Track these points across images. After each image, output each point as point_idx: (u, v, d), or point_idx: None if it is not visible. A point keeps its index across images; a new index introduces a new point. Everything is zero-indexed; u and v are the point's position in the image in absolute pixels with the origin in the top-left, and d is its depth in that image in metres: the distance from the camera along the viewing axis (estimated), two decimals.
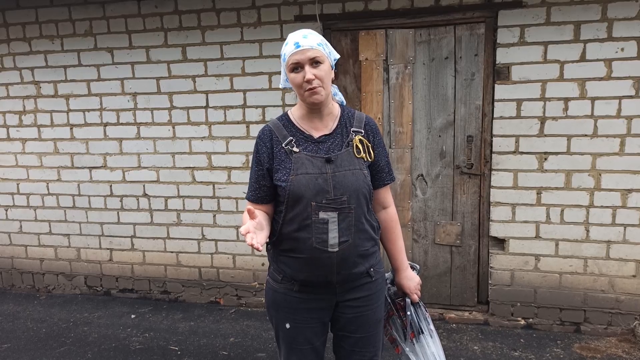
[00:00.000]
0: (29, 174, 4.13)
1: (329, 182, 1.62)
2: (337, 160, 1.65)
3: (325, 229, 1.62)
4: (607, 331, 3.26)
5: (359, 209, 1.65)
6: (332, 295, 1.74)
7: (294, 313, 1.75)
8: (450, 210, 3.47)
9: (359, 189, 1.64)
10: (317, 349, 1.81)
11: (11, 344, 3.39)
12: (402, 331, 1.90)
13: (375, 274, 1.77)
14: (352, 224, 1.64)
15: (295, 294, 1.73)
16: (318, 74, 1.59)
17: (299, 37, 1.61)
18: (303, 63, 1.59)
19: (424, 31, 3.31)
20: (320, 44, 1.62)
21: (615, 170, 3.12)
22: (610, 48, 3.01)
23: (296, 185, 1.62)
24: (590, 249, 3.23)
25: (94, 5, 3.71)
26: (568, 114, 3.13)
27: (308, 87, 1.59)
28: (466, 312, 3.55)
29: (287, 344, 1.80)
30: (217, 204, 3.80)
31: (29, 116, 4.02)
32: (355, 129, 1.71)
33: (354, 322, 1.77)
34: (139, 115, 3.82)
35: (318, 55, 1.59)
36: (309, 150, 1.67)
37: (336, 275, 1.67)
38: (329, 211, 1.61)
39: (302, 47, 1.58)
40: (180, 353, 3.21)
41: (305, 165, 1.64)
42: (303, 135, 1.70)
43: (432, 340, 1.85)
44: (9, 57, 3.95)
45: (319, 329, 1.79)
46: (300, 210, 1.63)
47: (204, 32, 3.59)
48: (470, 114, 3.33)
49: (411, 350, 1.85)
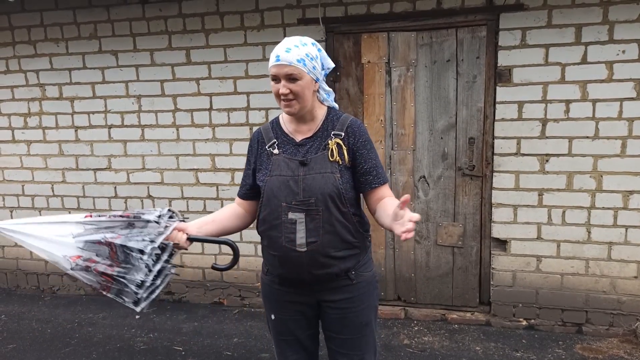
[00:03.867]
0: (34, 175, 4.16)
1: (300, 184, 1.67)
2: (311, 163, 1.69)
3: (293, 229, 1.68)
4: (609, 332, 3.27)
5: (327, 212, 1.67)
6: (310, 293, 1.79)
7: (277, 305, 1.86)
8: (452, 212, 3.49)
9: (326, 192, 1.66)
10: (303, 342, 1.88)
11: (17, 345, 3.42)
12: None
13: (356, 277, 1.77)
14: (320, 225, 1.67)
15: (277, 286, 1.82)
16: (294, 89, 1.62)
17: (282, 49, 1.61)
18: (279, 76, 1.63)
19: (425, 34, 3.33)
20: (301, 60, 1.60)
21: (617, 172, 3.13)
22: (611, 50, 3.03)
23: (269, 186, 1.71)
24: (592, 250, 3.24)
25: (98, 8, 3.74)
26: (569, 116, 3.15)
27: (282, 99, 1.65)
28: (468, 312, 3.57)
29: (274, 334, 1.92)
30: (221, 205, 3.82)
31: (34, 118, 4.05)
32: (335, 132, 1.73)
33: (338, 324, 1.80)
34: (143, 117, 3.85)
35: (294, 73, 1.60)
36: (289, 152, 1.73)
37: (307, 274, 1.72)
38: (297, 212, 1.67)
39: (281, 62, 1.60)
40: (184, 353, 3.24)
41: (280, 167, 1.71)
42: (287, 138, 1.76)
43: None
44: (14, 59, 3.98)
45: (303, 323, 1.86)
46: (272, 210, 1.71)
47: (208, 35, 3.62)
48: (472, 116, 3.35)
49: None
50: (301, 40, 1.65)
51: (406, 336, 3.37)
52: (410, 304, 3.66)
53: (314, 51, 1.66)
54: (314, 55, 1.65)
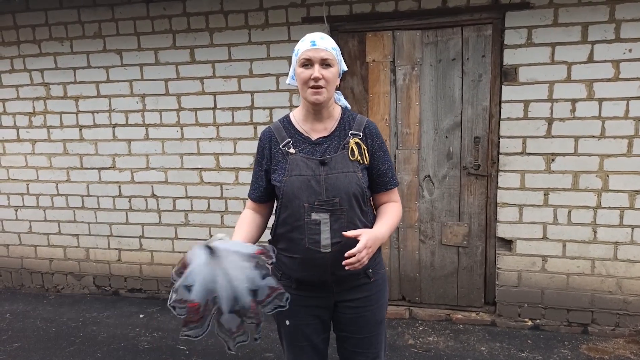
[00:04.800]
0: (38, 174, 4.17)
1: (322, 184, 1.65)
2: (331, 163, 1.67)
3: (317, 229, 1.65)
4: (615, 332, 3.26)
5: (352, 211, 1.67)
6: (329, 295, 1.76)
7: (293, 310, 1.76)
8: (457, 211, 3.48)
9: (351, 191, 1.66)
10: (317, 346, 1.84)
11: (21, 343, 3.42)
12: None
13: (374, 274, 1.78)
14: (344, 225, 1.66)
15: (294, 291, 1.75)
16: (326, 75, 1.63)
17: (316, 37, 1.66)
18: (314, 61, 1.63)
19: (431, 32, 3.31)
20: (335, 49, 1.68)
21: (623, 171, 3.11)
22: (618, 49, 3.01)
23: (289, 187, 1.66)
24: (598, 250, 3.23)
25: (102, 7, 3.75)
26: (575, 115, 3.13)
27: (312, 84, 1.63)
28: (473, 312, 3.56)
29: (288, 340, 1.85)
30: (225, 204, 3.82)
31: (39, 117, 4.06)
32: (353, 132, 1.73)
33: (355, 323, 1.79)
34: (148, 116, 3.85)
35: (330, 58, 1.64)
36: (305, 152, 1.70)
37: (330, 276, 1.70)
38: (321, 212, 1.64)
39: (317, 47, 1.63)
40: (188, 353, 3.24)
41: (299, 167, 1.67)
42: (301, 137, 1.73)
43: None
44: (19, 59, 3.99)
45: (319, 327, 1.82)
46: (293, 211, 1.67)
47: (212, 34, 3.61)
48: (478, 115, 3.33)
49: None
50: (328, 36, 1.70)
51: (411, 336, 3.36)
52: (414, 303, 3.64)
53: (337, 46, 1.72)
54: (339, 50, 1.71)
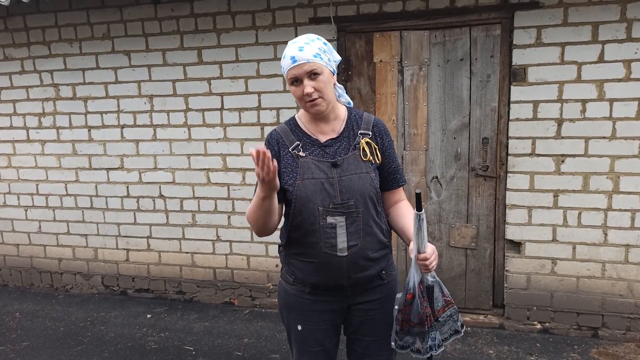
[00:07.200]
0: (48, 175, 4.21)
1: (336, 186, 1.62)
2: (343, 164, 1.65)
3: (333, 233, 1.62)
4: (626, 336, 3.21)
5: (367, 213, 1.65)
6: (343, 298, 1.74)
7: (306, 315, 1.76)
8: (465, 213, 3.45)
9: (366, 193, 1.64)
10: (329, 351, 1.81)
11: (30, 342, 3.45)
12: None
13: (387, 276, 1.77)
14: (360, 227, 1.63)
15: (307, 296, 1.73)
16: (316, 85, 1.59)
17: (294, 50, 1.58)
18: (301, 77, 1.59)
19: (439, 32, 3.29)
20: (317, 55, 1.59)
21: (635, 173, 3.06)
22: (629, 49, 2.96)
23: (302, 190, 1.63)
24: (609, 253, 3.18)
25: (111, 8, 3.77)
26: (586, 115, 3.09)
27: (308, 100, 1.60)
28: (481, 315, 3.52)
29: (299, 345, 1.81)
30: (232, 205, 3.83)
31: (48, 118, 4.09)
32: (362, 132, 1.71)
33: (366, 325, 1.77)
34: (155, 117, 3.86)
35: (315, 68, 1.58)
36: (316, 154, 1.67)
37: (347, 280, 1.67)
38: (337, 215, 1.61)
39: (298, 62, 1.57)
40: (195, 353, 3.24)
41: (311, 170, 1.64)
42: (310, 140, 1.70)
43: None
44: (29, 60, 4.03)
45: (331, 331, 1.79)
46: (308, 215, 1.63)
47: (220, 35, 3.62)
48: (486, 115, 3.30)
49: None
50: (309, 38, 1.64)
51: None
52: None
53: (323, 45, 1.65)
54: (325, 48, 1.64)
